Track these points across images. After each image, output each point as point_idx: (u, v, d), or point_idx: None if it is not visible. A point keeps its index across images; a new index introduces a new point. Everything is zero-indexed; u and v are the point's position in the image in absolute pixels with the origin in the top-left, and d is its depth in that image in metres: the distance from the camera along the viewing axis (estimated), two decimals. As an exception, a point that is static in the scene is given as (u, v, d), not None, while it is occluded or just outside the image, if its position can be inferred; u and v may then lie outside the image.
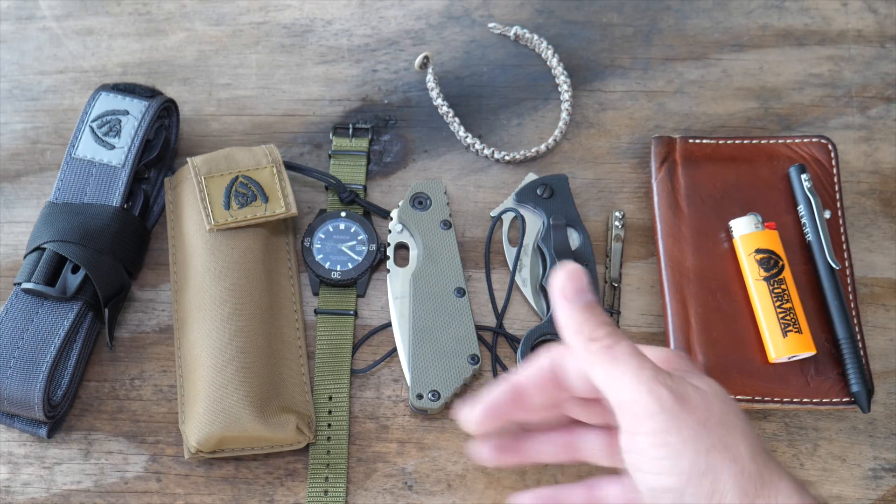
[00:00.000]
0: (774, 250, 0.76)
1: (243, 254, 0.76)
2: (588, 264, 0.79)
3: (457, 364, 0.76)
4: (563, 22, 0.90)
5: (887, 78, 0.87)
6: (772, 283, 0.75)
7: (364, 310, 0.80)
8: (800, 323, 0.74)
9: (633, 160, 0.85)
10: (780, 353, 0.74)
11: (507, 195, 0.83)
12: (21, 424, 0.75)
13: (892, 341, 0.79)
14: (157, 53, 0.88)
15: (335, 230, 0.81)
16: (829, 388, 0.75)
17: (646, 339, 0.79)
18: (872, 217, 0.83)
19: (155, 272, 0.81)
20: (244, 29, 0.89)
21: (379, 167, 0.85)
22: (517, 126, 0.86)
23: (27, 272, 0.74)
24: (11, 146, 0.85)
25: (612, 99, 0.87)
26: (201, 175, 0.78)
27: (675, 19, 0.90)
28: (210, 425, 0.71)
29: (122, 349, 0.79)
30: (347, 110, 0.87)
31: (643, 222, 0.82)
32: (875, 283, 0.81)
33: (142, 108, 0.79)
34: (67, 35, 0.89)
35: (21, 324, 0.73)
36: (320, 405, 0.76)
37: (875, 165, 0.84)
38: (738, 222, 0.78)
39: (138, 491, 0.74)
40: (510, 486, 0.75)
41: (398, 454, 0.76)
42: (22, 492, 0.74)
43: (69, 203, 0.77)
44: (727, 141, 0.82)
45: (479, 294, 0.80)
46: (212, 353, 0.73)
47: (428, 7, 0.90)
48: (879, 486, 0.75)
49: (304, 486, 0.75)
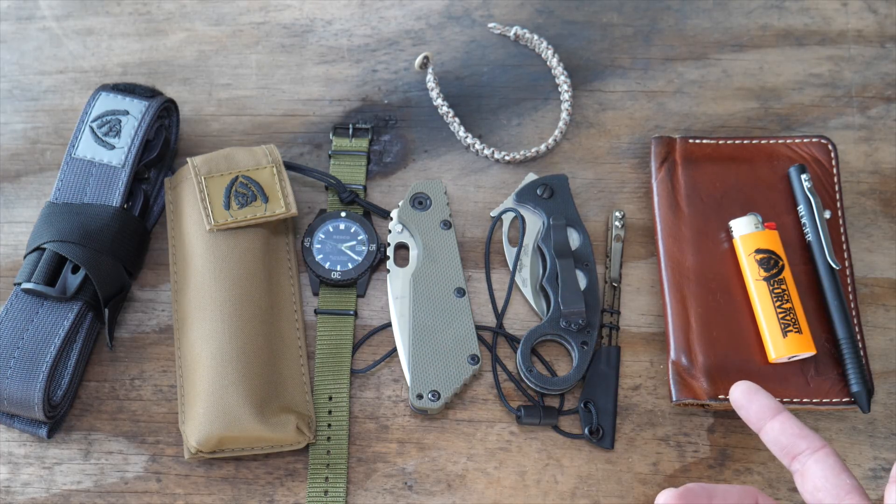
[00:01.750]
0: (774, 250, 0.76)
1: (243, 254, 0.76)
2: (588, 264, 0.79)
3: (457, 364, 0.76)
4: (563, 22, 0.90)
5: (887, 78, 0.87)
6: (772, 283, 0.75)
7: (364, 310, 0.80)
8: (800, 323, 0.74)
9: (633, 160, 0.85)
10: (781, 354, 0.74)
11: (507, 195, 0.83)
12: (21, 424, 0.75)
13: (892, 341, 0.79)
14: (157, 53, 0.88)
15: (335, 230, 0.81)
16: (829, 388, 0.75)
17: (646, 338, 0.79)
18: (872, 217, 0.83)
19: (155, 272, 0.81)
20: (244, 29, 0.89)
21: (379, 167, 0.85)
22: (517, 126, 0.86)
23: (27, 272, 0.74)
24: (11, 146, 0.85)
25: (612, 99, 0.87)
26: (201, 175, 0.78)
27: (675, 19, 0.90)
28: (210, 425, 0.71)
29: (122, 349, 0.79)
30: (347, 110, 0.87)
31: (643, 222, 0.82)
32: (875, 283, 0.81)
33: (142, 108, 0.79)
34: (67, 35, 0.89)
35: (21, 324, 0.73)
36: (320, 405, 0.76)
37: (875, 165, 0.84)
38: (738, 222, 0.78)
39: (138, 491, 0.74)
40: (510, 486, 0.75)
41: (398, 454, 0.76)
42: (22, 492, 0.74)
43: (69, 203, 0.77)
44: (727, 141, 0.82)
45: (479, 294, 0.80)
46: (212, 353, 0.73)
47: (428, 7, 0.90)
48: (879, 486, 0.75)
49: (304, 486, 0.75)
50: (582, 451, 0.76)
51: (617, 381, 0.77)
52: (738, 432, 0.76)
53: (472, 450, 0.76)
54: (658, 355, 0.78)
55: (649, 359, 0.78)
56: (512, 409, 0.76)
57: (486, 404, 0.77)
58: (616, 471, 0.75)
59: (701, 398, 0.74)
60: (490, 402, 0.77)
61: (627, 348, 0.78)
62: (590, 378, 0.76)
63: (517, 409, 0.76)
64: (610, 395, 0.76)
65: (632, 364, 0.78)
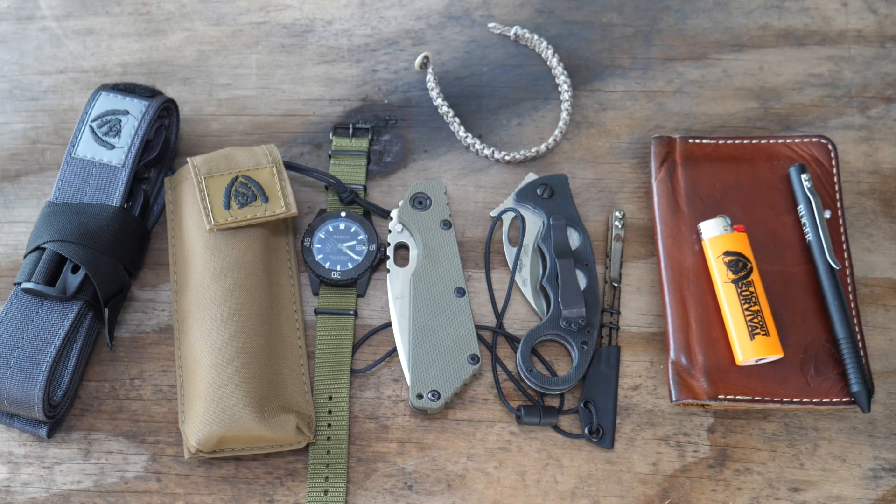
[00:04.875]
0: (743, 253, 0.76)
1: (243, 254, 0.76)
2: (588, 264, 0.79)
3: (457, 364, 0.76)
4: (563, 22, 0.90)
5: (887, 78, 0.87)
6: (740, 286, 0.75)
7: (364, 310, 0.80)
8: (767, 326, 0.74)
9: (633, 160, 0.85)
10: (748, 356, 0.74)
11: (507, 195, 0.83)
12: (21, 424, 0.75)
13: (892, 341, 0.79)
14: (157, 53, 0.88)
15: (335, 230, 0.81)
16: (829, 388, 0.75)
17: (646, 338, 0.79)
18: (872, 217, 0.83)
19: (155, 272, 0.81)
20: (244, 29, 0.89)
21: (379, 167, 0.85)
22: (517, 126, 0.86)
23: (27, 272, 0.74)
24: (11, 146, 0.85)
25: (612, 99, 0.87)
26: (201, 175, 0.78)
27: (675, 19, 0.90)
28: (210, 425, 0.71)
29: (122, 349, 0.79)
30: (347, 110, 0.87)
31: (643, 222, 0.83)
32: (875, 283, 0.81)
33: (142, 108, 0.79)
34: (67, 35, 0.89)
35: (21, 324, 0.73)
36: (320, 405, 0.77)
37: (875, 165, 0.84)
38: (707, 224, 0.78)
39: (138, 491, 0.74)
40: (510, 486, 0.75)
41: (398, 454, 0.76)
42: (22, 492, 0.74)
43: (69, 203, 0.77)
44: (727, 141, 0.82)
45: (479, 294, 0.80)
46: (212, 352, 0.73)
47: (428, 7, 0.90)
48: (879, 486, 0.75)
49: (304, 486, 0.75)
50: (582, 451, 0.76)
51: (617, 381, 0.77)
52: (738, 432, 0.76)
53: (472, 450, 0.76)
54: (658, 355, 0.78)
55: (649, 359, 0.78)
56: (512, 409, 0.76)
57: (486, 404, 0.77)
58: (616, 471, 0.75)
59: (701, 398, 0.74)
60: (490, 402, 0.77)
61: (627, 348, 0.78)
62: (590, 378, 0.76)
63: (517, 409, 0.76)
64: (610, 395, 0.76)
65: (632, 364, 0.78)
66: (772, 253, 0.78)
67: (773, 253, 0.78)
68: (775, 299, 0.77)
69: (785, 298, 0.77)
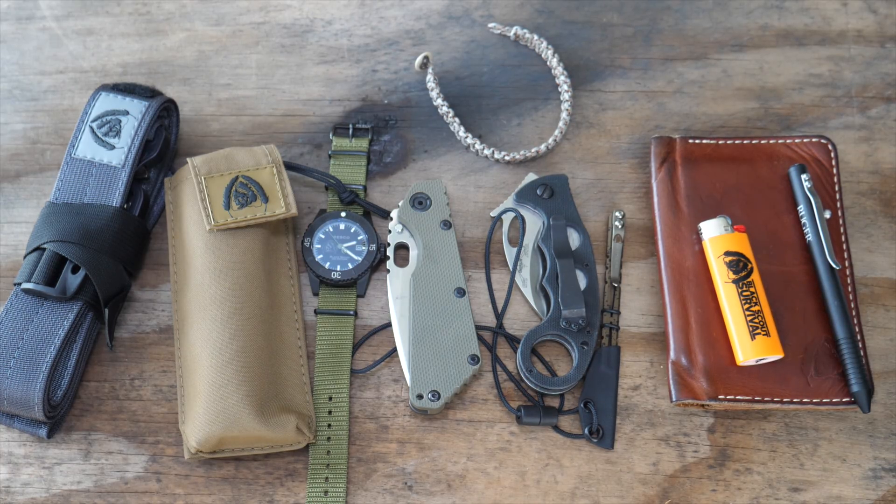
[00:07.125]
0: (743, 253, 0.76)
1: (243, 254, 0.76)
2: (588, 264, 0.79)
3: (457, 364, 0.76)
4: (563, 22, 0.90)
5: (887, 78, 0.87)
6: (740, 286, 0.75)
7: (364, 310, 0.80)
8: (768, 326, 0.74)
9: (633, 160, 0.85)
10: (748, 356, 0.74)
11: (507, 195, 0.83)
12: (21, 424, 0.75)
13: (892, 341, 0.79)
14: (157, 53, 0.88)
15: (335, 230, 0.81)
16: (829, 388, 0.75)
17: (646, 338, 0.79)
18: (872, 217, 0.83)
19: (155, 272, 0.81)
20: (244, 29, 0.89)
21: (379, 167, 0.85)
22: (517, 126, 0.86)
23: (27, 272, 0.74)
24: (11, 146, 0.85)
25: (612, 99, 0.87)
26: (201, 175, 0.78)
27: (675, 19, 0.90)
28: (210, 425, 0.71)
29: (122, 349, 0.79)
30: (347, 110, 0.87)
31: (643, 222, 0.83)
32: (875, 283, 0.81)
33: (142, 108, 0.79)
34: (67, 35, 0.89)
35: (21, 324, 0.73)
36: (320, 405, 0.77)
37: (875, 165, 0.84)
38: (707, 224, 0.78)
39: (138, 491, 0.74)
40: (510, 486, 0.75)
41: (398, 454, 0.76)
42: (22, 492, 0.74)
43: (69, 203, 0.77)
44: (727, 141, 0.82)
45: (479, 294, 0.80)
46: (212, 353, 0.73)
47: (428, 7, 0.90)
48: (879, 486, 0.75)
49: (304, 486, 0.75)
50: (582, 451, 0.76)
51: (617, 381, 0.77)
52: (738, 432, 0.76)
53: (472, 450, 0.76)
54: (658, 355, 0.78)
55: (649, 359, 0.78)
56: (512, 409, 0.76)
57: (486, 404, 0.77)
58: (616, 471, 0.75)
59: (700, 398, 0.74)
60: (490, 402, 0.77)
61: (627, 348, 0.78)
62: (590, 378, 0.76)
63: (517, 409, 0.76)
64: (610, 395, 0.76)
65: (632, 364, 0.78)
66: (772, 253, 0.78)
67: (773, 253, 0.78)
68: (775, 299, 0.77)
69: (785, 298, 0.77)
